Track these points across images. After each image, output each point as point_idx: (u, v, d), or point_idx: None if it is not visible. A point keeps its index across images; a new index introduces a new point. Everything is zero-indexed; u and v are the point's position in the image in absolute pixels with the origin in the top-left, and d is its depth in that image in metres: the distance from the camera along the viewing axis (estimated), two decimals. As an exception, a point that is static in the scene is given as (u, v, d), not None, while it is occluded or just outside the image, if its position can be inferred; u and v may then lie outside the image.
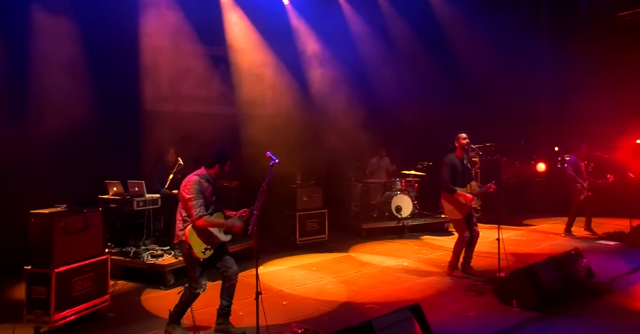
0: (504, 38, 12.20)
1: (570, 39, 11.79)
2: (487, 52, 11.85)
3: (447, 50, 11.80)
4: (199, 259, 3.99)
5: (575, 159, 8.33)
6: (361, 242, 8.22)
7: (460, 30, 11.74)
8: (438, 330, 4.00)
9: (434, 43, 11.51)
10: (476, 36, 11.72)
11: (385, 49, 10.69)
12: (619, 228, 8.16)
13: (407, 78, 11.04)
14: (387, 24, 10.96)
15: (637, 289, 5.20)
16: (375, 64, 10.40)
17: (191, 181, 4.03)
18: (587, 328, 4.16)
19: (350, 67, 9.90)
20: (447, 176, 5.71)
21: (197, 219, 3.92)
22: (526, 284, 4.61)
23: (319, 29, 9.66)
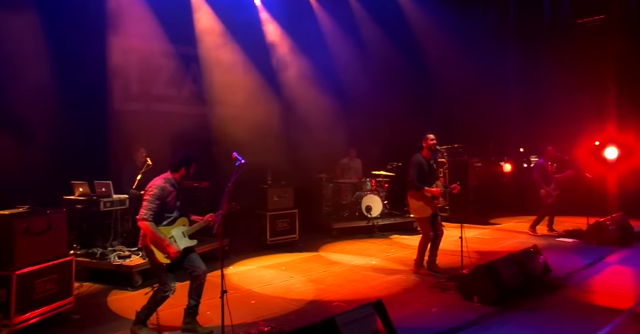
0: (473, 42, 12.54)
1: (535, 43, 12.22)
2: (456, 55, 12.17)
3: (417, 53, 12.05)
4: (163, 264, 4.01)
5: (542, 162, 8.64)
6: (331, 242, 8.32)
7: (430, 34, 11.99)
8: (402, 325, 4.11)
9: (405, 46, 11.72)
10: (446, 39, 12.01)
11: (357, 51, 10.83)
12: (577, 226, 8.52)
13: (378, 80, 11.24)
14: (359, 26, 11.12)
15: (590, 283, 5.47)
16: (347, 65, 10.53)
17: (155, 184, 4.07)
18: (541, 320, 4.35)
19: (321, 68, 10.01)
20: (414, 175, 5.86)
21: (140, 220, 3.97)
22: (486, 281, 4.79)
23: (290, 29, 9.73)
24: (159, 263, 4.02)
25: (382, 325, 3.59)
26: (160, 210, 4.06)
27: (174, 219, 4.18)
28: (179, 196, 4.22)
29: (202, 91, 9.18)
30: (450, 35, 12.00)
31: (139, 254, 5.97)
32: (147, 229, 3.97)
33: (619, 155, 10.61)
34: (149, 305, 4.12)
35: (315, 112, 9.71)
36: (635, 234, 8.07)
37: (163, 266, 4.04)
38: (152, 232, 3.97)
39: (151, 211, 3.97)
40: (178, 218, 4.21)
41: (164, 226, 4.11)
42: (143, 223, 3.96)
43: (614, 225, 7.69)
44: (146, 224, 3.95)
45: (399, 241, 8.37)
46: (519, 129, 12.74)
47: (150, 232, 3.97)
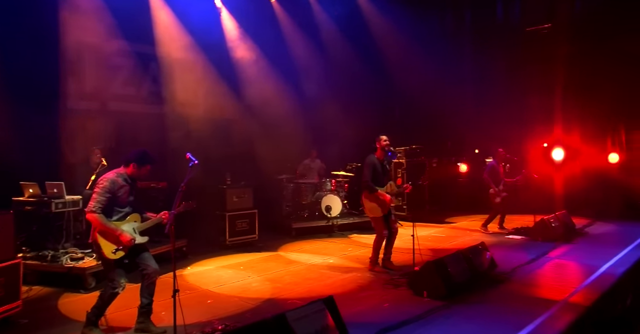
0: (431, 45, 12.93)
1: (489, 48, 12.73)
2: (415, 57, 12.51)
3: (377, 56, 12.32)
4: (111, 260, 3.98)
5: (493, 163, 9.04)
6: (291, 242, 8.41)
7: (390, 37, 12.30)
8: (354, 321, 4.28)
9: (365, 48, 11.97)
10: (405, 42, 12.35)
11: (318, 53, 10.98)
12: (526, 224, 8.94)
13: (339, 81, 11.42)
14: (320, 28, 11.27)
15: (532, 277, 5.79)
16: (308, 66, 10.65)
17: (105, 178, 4.06)
18: (485, 312, 4.59)
19: (282, 69, 10.09)
20: (368, 176, 6.04)
21: (89, 212, 3.94)
22: (435, 277, 5.00)
23: (250, 30, 9.75)
24: (107, 258, 3.98)
25: (332, 320, 3.72)
26: (111, 204, 4.03)
27: (126, 215, 4.15)
28: (132, 191, 4.18)
29: (162, 90, 9.06)
30: (409, 38, 12.34)
31: (93, 255, 5.88)
32: (95, 221, 3.93)
33: (565, 156, 11.23)
34: (98, 304, 4.10)
35: (276, 113, 9.78)
36: (577, 231, 8.58)
37: (111, 261, 4.00)
38: (101, 223, 3.93)
39: (100, 203, 3.94)
40: (130, 214, 4.18)
41: (115, 221, 4.08)
42: (91, 215, 3.93)
43: (558, 222, 8.14)
44: (94, 216, 3.92)
45: (357, 240, 8.55)
46: (475, 130, 13.21)
47: (99, 224, 3.93)
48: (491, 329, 4.13)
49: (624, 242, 7.58)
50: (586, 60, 10.84)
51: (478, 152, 13.07)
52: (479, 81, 13.00)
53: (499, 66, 12.25)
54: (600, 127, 11.36)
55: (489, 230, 8.93)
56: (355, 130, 10.84)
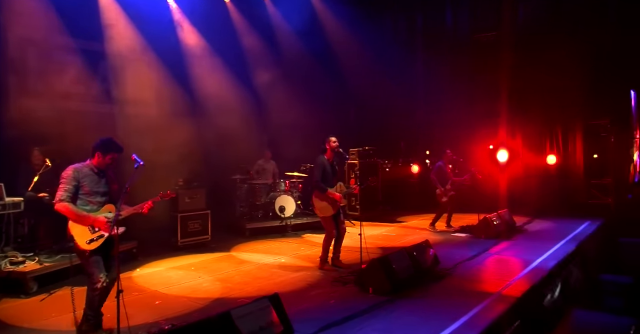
0: (385, 49, 13.32)
1: (439, 54, 13.23)
2: (370, 61, 12.85)
3: (332, 58, 12.54)
4: (86, 251, 3.87)
5: (441, 163, 9.42)
6: (244, 242, 8.45)
7: (344, 39, 12.55)
8: (300, 317, 4.41)
9: (320, 51, 12.15)
10: (360, 47, 12.65)
11: (272, 55, 11.06)
12: (471, 222, 9.37)
13: (294, 83, 11.53)
14: (275, 30, 11.35)
15: (472, 272, 6.11)
16: (262, 68, 10.71)
17: (69, 168, 3.99)
18: (425, 306, 4.83)
19: (235, 70, 10.09)
20: (318, 176, 6.19)
21: (57, 202, 3.84)
22: (381, 273, 5.22)
23: (204, 30, 9.70)
24: (81, 250, 3.87)
25: (276, 316, 3.83)
26: (80, 194, 3.94)
27: (99, 205, 4.04)
28: (101, 181, 4.08)
29: (112, 89, 8.87)
30: (364, 41, 12.66)
31: (35, 259, 5.72)
32: (65, 210, 3.84)
33: (509, 158, 11.83)
34: (86, 306, 3.98)
35: (230, 113, 9.78)
36: (517, 228, 9.09)
37: (86, 253, 3.88)
38: (71, 211, 3.84)
39: (67, 192, 3.86)
40: (104, 204, 4.07)
41: (88, 211, 3.96)
42: (60, 205, 3.82)
43: (500, 220, 8.60)
44: (63, 204, 3.83)
45: (310, 240, 8.70)
46: (426, 132, 13.70)
47: (69, 212, 3.84)
48: (430, 321, 4.36)
49: (558, 238, 8.12)
50: (527, 68, 11.48)
51: (429, 153, 13.54)
52: (429, 85, 13.48)
53: (448, 71, 12.74)
54: (540, 130, 12.05)
55: (437, 228, 9.30)
56: (310, 131, 11.00)
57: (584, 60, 11.37)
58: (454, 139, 12.44)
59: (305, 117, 11.45)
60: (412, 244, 6.16)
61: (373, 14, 13.74)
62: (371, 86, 13.26)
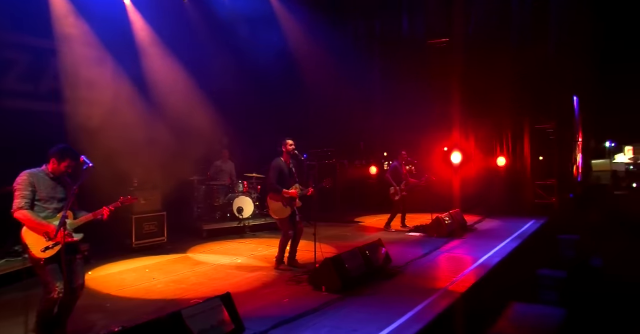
0: (345, 53, 13.55)
1: (396, 58, 13.62)
2: (329, 63, 13.04)
3: (292, 60, 12.64)
4: (40, 259, 3.74)
5: (396, 164, 9.72)
6: (201, 243, 8.44)
7: (305, 42, 12.68)
8: (253, 315, 4.52)
9: (280, 52, 12.22)
10: (320, 48, 12.81)
11: (231, 55, 11.03)
12: (425, 222, 9.71)
13: (254, 84, 11.55)
14: (234, 31, 11.33)
15: (422, 270, 6.38)
16: (221, 68, 10.67)
17: (22, 173, 3.89)
18: (375, 302, 5.03)
19: (193, 69, 10.01)
20: (274, 178, 6.29)
21: (15, 211, 3.75)
22: (333, 272, 5.37)
23: (159, 28, 9.57)
24: (36, 258, 3.74)
25: (228, 315, 3.91)
26: (36, 199, 3.84)
27: (55, 211, 3.94)
28: (58, 187, 3.98)
29: (63, 87, 8.62)
30: (325, 46, 12.84)
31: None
32: (25, 218, 3.74)
33: (462, 159, 12.32)
34: (37, 316, 3.82)
35: (187, 114, 9.69)
36: (467, 227, 9.51)
37: (41, 262, 3.75)
38: (31, 220, 3.74)
39: (25, 198, 3.76)
40: (60, 210, 3.95)
41: (43, 218, 3.85)
42: (19, 213, 3.72)
43: (451, 220, 8.97)
44: (22, 212, 3.73)
45: (268, 240, 8.77)
46: (384, 134, 14.04)
47: (29, 220, 3.74)
48: (378, 316, 4.54)
49: (504, 236, 8.57)
50: (478, 74, 12.00)
51: (386, 155, 13.89)
52: (386, 88, 13.84)
53: (404, 75, 13.14)
54: (490, 133, 12.61)
55: (392, 228, 9.59)
56: (270, 132, 11.06)
57: (530, 68, 12.03)
58: (410, 141, 12.82)
59: (265, 119, 11.53)
60: (365, 243, 6.36)
61: (334, 19, 13.96)
62: (332, 88, 13.44)
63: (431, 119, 12.82)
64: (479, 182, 12.23)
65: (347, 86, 13.31)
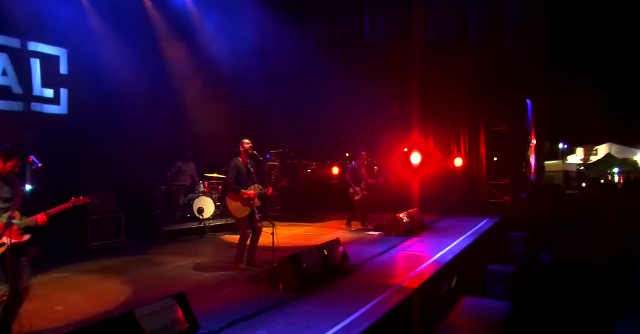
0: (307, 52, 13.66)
1: (357, 59, 13.85)
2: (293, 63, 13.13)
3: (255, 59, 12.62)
4: None
5: (355, 165, 9.91)
6: (160, 244, 8.35)
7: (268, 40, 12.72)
8: (210, 314, 4.56)
9: (242, 53, 12.19)
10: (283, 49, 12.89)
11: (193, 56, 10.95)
12: (385, 221, 9.95)
13: (215, 84, 11.48)
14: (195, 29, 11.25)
15: (379, 267, 6.57)
16: (181, 64, 10.58)
17: None
18: (332, 299, 5.16)
19: (153, 67, 9.88)
20: (232, 178, 6.34)
21: None
22: (290, 270, 5.46)
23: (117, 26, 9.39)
24: None
25: (182, 314, 3.94)
26: None
27: (3, 211, 3.83)
28: (5, 186, 3.87)
29: (14, 84, 8.34)
30: (289, 45, 12.93)
31: None
32: None
33: (421, 160, 12.67)
34: None
35: (147, 113, 9.55)
36: (425, 226, 9.81)
37: None
38: None
39: None
40: (7, 211, 3.84)
41: None
42: None
43: (409, 219, 9.23)
44: None
45: (229, 241, 8.77)
46: (346, 135, 14.23)
47: None
48: (333, 313, 4.66)
49: (459, 234, 8.90)
50: (437, 77, 12.39)
51: (348, 155, 14.10)
52: (348, 89, 14.05)
53: (365, 76, 13.39)
54: (449, 135, 13.03)
55: (352, 227, 9.77)
56: (234, 132, 11.03)
57: (486, 72, 12.52)
58: (372, 142, 13.08)
59: (228, 119, 11.47)
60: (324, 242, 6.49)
61: (297, 18, 14.05)
62: (295, 88, 13.56)
63: (392, 120, 13.14)
64: (438, 182, 12.60)
65: (310, 86, 13.45)
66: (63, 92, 8.83)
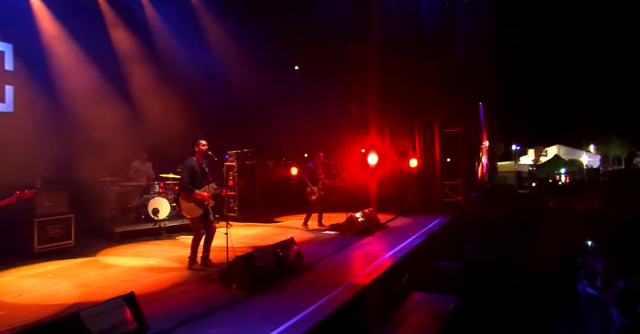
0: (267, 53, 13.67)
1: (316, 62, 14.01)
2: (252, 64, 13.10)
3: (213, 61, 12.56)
4: None
5: (311, 165, 10.03)
6: (113, 246, 8.17)
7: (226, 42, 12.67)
8: (160, 314, 4.55)
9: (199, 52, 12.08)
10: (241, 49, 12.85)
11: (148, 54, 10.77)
12: (342, 221, 10.11)
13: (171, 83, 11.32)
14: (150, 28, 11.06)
15: (332, 266, 6.69)
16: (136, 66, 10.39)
17: None
18: (284, 297, 5.24)
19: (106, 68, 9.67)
20: (186, 178, 6.31)
21: None
22: (243, 270, 5.50)
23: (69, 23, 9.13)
24: None
25: (130, 315, 3.92)
26: None
27: None
28: None
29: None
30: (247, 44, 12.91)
31: None
32: None
33: (378, 161, 12.94)
34: None
35: (100, 112, 9.34)
36: (380, 225, 10.03)
37: None
38: None
39: None
40: None
41: None
42: None
43: (364, 218, 9.42)
44: None
45: (184, 241, 8.67)
46: (305, 136, 14.38)
47: None
48: (285, 310, 4.74)
49: (413, 232, 9.17)
50: (393, 80, 12.69)
51: (307, 156, 14.22)
52: (307, 90, 14.18)
53: (324, 77, 13.55)
54: (404, 136, 13.36)
55: (309, 227, 9.89)
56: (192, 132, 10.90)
57: (441, 76, 12.94)
58: (331, 143, 13.29)
59: (186, 119, 11.33)
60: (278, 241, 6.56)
61: (256, 17, 14.02)
62: (255, 88, 13.52)
63: (350, 122, 13.36)
64: (394, 182, 12.91)
65: (270, 86, 13.46)
66: (8, 89, 8.49)
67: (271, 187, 13.18)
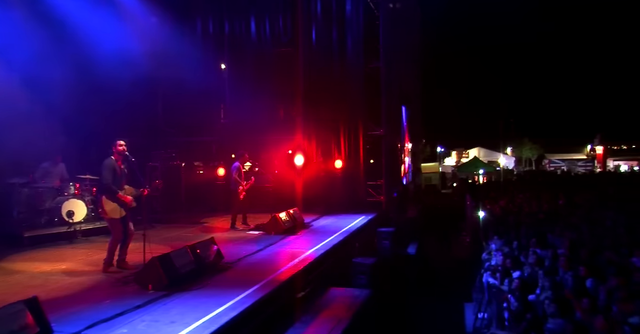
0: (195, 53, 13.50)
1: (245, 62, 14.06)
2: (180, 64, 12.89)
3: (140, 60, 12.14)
4: None
5: (237, 164, 10.09)
6: (21, 251, 7.71)
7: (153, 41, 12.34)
8: (69, 318, 4.47)
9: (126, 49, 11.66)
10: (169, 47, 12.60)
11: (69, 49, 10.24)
12: (266, 220, 10.25)
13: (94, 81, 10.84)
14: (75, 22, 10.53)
15: (253, 264, 6.83)
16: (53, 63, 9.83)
17: None
18: (202, 295, 5.29)
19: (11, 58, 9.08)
20: (109, 179, 6.17)
21: None
22: (159, 270, 5.49)
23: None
24: None
25: (32, 319, 3.82)
26: None
27: None
28: None
29: None
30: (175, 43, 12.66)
31: None
32: None
33: (305, 162, 13.23)
34: None
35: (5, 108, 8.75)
36: (304, 224, 10.30)
37: None
38: None
39: None
40: None
41: None
42: None
43: (288, 218, 9.64)
44: None
45: (102, 244, 8.33)
46: (233, 136, 14.31)
47: None
48: (200, 308, 4.82)
49: (335, 231, 9.55)
50: (318, 83, 13.06)
51: (234, 156, 14.20)
52: (236, 91, 14.17)
53: (251, 79, 13.64)
54: (330, 138, 13.77)
55: (238, 227, 9.93)
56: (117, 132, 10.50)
57: (364, 80, 13.50)
58: (258, 143, 13.37)
59: (107, 119, 10.90)
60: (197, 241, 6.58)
61: (184, 16, 13.79)
62: (182, 88, 13.30)
63: (277, 123, 13.53)
64: (319, 182, 13.26)
65: (197, 86, 13.29)
66: None
67: (197, 188, 13.02)
